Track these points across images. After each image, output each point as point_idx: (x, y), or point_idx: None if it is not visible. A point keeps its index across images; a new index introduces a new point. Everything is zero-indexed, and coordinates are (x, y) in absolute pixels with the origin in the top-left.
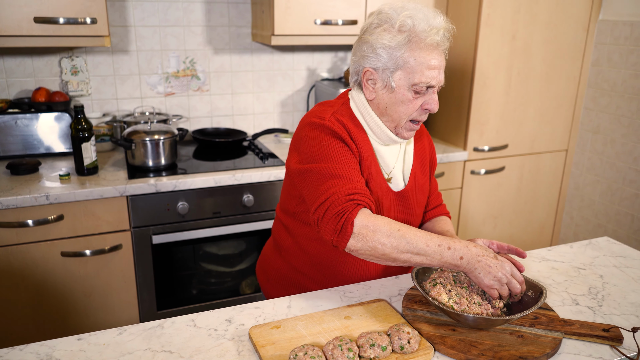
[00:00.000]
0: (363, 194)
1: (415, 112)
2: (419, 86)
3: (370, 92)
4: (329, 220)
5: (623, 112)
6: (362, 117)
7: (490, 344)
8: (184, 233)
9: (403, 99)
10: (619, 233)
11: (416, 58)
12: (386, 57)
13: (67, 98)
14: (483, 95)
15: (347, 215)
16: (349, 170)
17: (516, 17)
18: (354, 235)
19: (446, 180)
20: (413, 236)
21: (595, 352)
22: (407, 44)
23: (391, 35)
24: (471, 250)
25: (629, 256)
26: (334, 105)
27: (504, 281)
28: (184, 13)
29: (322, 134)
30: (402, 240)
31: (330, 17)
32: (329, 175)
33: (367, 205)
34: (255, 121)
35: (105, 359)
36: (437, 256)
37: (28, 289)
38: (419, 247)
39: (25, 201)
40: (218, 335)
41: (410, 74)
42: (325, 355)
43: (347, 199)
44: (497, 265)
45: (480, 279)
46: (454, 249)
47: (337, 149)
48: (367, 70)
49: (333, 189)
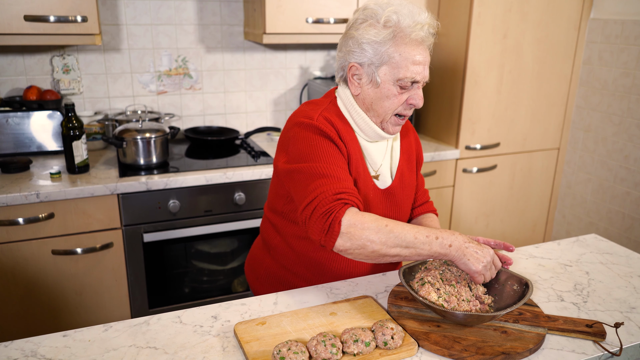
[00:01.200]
0: (351, 193)
1: (400, 106)
2: (404, 81)
3: (355, 87)
4: (317, 219)
5: (614, 110)
6: (348, 113)
7: (474, 339)
8: (175, 231)
9: (388, 94)
10: (610, 231)
11: (401, 53)
12: (371, 52)
13: (58, 96)
14: (475, 93)
15: (334, 215)
16: (337, 170)
17: (507, 16)
18: (341, 234)
19: (438, 178)
20: (401, 230)
21: (578, 348)
22: (392, 39)
23: (376, 31)
24: (458, 238)
25: (615, 253)
26: (321, 104)
27: (488, 267)
28: (176, 11)
29: (311, 134)
30: (391, 235)
31: (322, 15)
32: (317, 174)
33: (354, 204)
34: (247, 120)
35: (90, 355)
36: (426, 247)
37: (19, 287)
38: (407, 240)
39: (16, 199)
40: (203, 331)
41: (396, 69)
42: (309, 350)
43: (335, 199)
44: (483, 251)
45: (469, 266)
46: (442, 237)
47: (326, 149)
48: (353, 65)
49: (321, 188)
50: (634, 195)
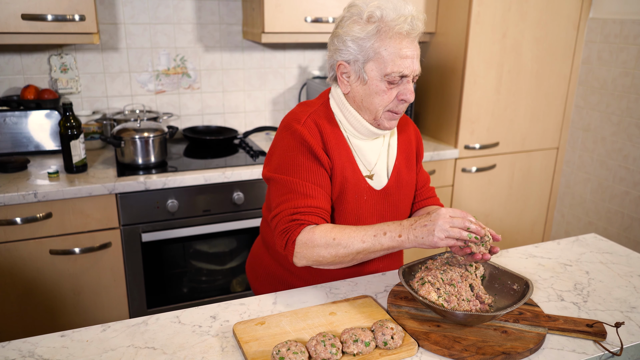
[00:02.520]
0: (311, 211)
1: (391, 103)
2: (391, 76)
3: (345, 85)
4: (278, 235)
5: (613, 110)
6: (341, 113)
7: (474, 339)
8: (173, 231)
9: (377, 90)
10: (609, 231)
11: (387, 48)
12: (356, 49)
13: (56, 96)
14: (474, 93)
15: (289, 235)
16: (306, 186)
17: (506, 15)
18: (295, 253)
19: (437, 178)
20: (347, 239)
21: (579, 347)
22: (377, 34)
23: (360, 27)
24: (403, 224)
25: (615, 252)
26: (312, 105)
27: (445, 227)
28: (174, 10)
29: (294, 144)
30: (339, 247)
31: (321, 14)
32: (287, 189)
33: (311, 222)
34: (246, 119)
35: (88, 355)
36: (378, 246)
37: (16, 287)
38: (356, 247)
39: (13, 199)
40: (202, 331)
41: (382, 65)
42: (308, 351)
43: (291, 219)
44: (430, 220)
45: (429, 241)
46: (389, 231)
47: (303, 162)
48: (341, 63)
49: (284, 204)
50: (633, 195)
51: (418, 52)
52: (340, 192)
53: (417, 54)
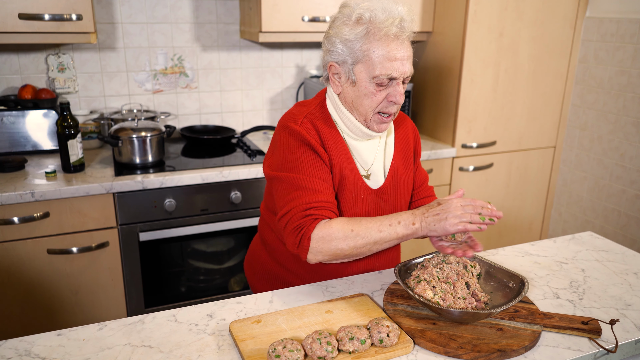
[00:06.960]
0: (323, 206)
1: (380, 104)
2: (380, 79)
3: (336, 86)
4: (289, 233)
5: (609, 108)
6: (336, 113)
7: (470, 337)
8: (171, 230)
9: (366, 92)
10: (606, 229)
11: (375, 50)
12: (345, 50)
13: (53, 95)
14: (471, 92)
15: (304, 230)
16: (313, 181)
17: (503, 14)
18: (311, 249)
19: (435, 177)
20: (365, 230)
21: (574, 345)
22: (365, 36)
23: (350, 29)
24: (415, 212)
25: (611, 250)
26: (309, 105)
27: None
28: (172, 10)
29: (294, 141)
30: (358, 238)
31: (318, 14)
32: (294, 186)
33: (324, 217)
34: (244, 118)
35: (85, 354)
36: (393, 235)
37: (14, 286)
38: (374, 237)
39: (11, 198)
40: (199, 330)
41: (370, 67)
42: (304, 349)
43: (305, 214)
44: (442, 209)
45: (442, 228)
46: (403, 220)
47: (305, 158)
48: (332, 64)
49: (295, 202)
50: (629, 193)
51: (409, 54)
52: (339, 189)
53: (408, 55)
